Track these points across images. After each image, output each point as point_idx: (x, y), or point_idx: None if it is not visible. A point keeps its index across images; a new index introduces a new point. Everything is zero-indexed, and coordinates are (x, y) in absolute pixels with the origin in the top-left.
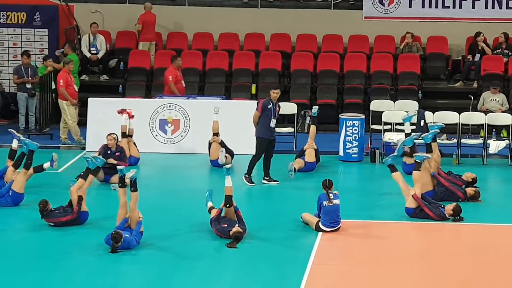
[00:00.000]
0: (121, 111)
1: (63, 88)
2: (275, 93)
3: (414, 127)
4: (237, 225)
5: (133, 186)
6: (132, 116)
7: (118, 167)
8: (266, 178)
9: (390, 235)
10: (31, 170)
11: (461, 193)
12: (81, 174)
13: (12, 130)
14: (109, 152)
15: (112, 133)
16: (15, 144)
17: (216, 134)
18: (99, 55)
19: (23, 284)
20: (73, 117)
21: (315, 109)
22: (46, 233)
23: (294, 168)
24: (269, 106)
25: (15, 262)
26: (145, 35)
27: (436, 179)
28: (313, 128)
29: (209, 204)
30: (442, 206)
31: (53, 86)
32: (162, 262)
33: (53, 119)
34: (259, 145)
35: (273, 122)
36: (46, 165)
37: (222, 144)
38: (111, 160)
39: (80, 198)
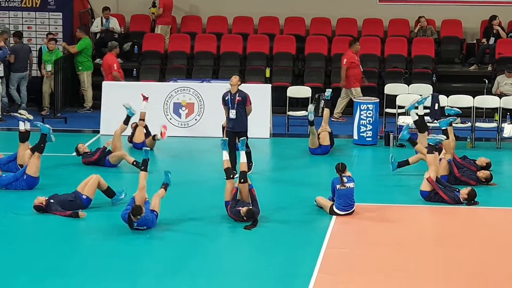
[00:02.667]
0: (145, 98)
1: (117, 72)
2: (230, 81)
3: (428, 110)
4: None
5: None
6: (147, 99)
7: (145, 148)
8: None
9: (404, 219)
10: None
11: (473, 180)
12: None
13: (15, 114)
14: None
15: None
16: (22, 126)
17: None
18: (117, 31)
19: (40, 266)
20: None
21: (328, 92)
22: (59, 217)
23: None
24: (226, 98)
25: (31, 245)
26: (164, 18)
27: (451, 167)
28: (326, 111)
29: (224, 153)
30: (457, 190)
31: (49, 68)
32: (177, 245)
33: (67, 104)
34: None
35: (231, 113)
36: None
37: None
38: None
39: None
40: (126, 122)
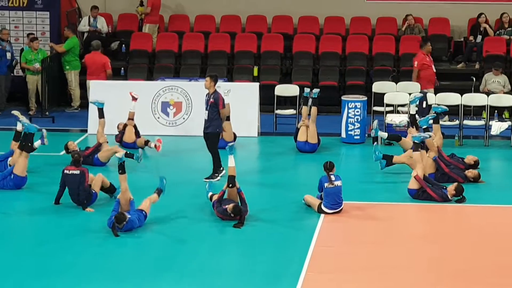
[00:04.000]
0: (134, 99)
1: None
2: (204, 82)
3: (416, 108)
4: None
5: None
6: (136, 99)
7: (116, 155)
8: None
9: (392, 217)
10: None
11: (461, 178)
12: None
13: (15, 112)
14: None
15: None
16: (19, 126)
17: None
18: (103, 32)
19: (28, 267)
20: None
21: (315, 90)
22: (48, 216)
23: None
24: (205, 98)
25: (19, 245)
26: (152, 17)
27: (437, 164)
28: (314, 109)
29: (210, 194)
30: (445, 187)
31: (37, 66)
32: (165, 244)
33: (54, 103)
34: None
35: (205, 114)
36: (37, 143)
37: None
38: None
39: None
40: (101, 115)
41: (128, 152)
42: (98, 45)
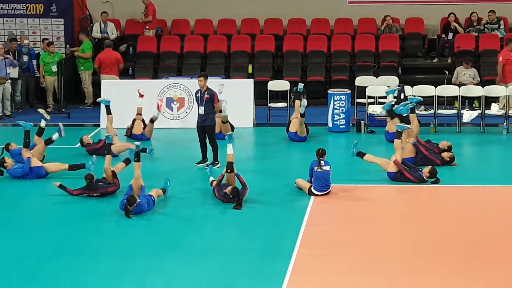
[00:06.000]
0: (141, 95)
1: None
2: (198, 81)
3: (395, 100)
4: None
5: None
6: (143, 96)
7: (135, 143)
8: (201, 161)
9: (375, 197)
10: (42, 143)
11: (438, 160)
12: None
13: (40, 110)
14: None
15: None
16: (43, 123)
17: (219, 111)
18: (111, 38)
19: (48, 247)
20: None
21: (300, 85)
22: (66, 201)
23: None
24: (197, 95)
25: (40, 228)
26: (153, 23)
27: (417, 147)
28: (297, 102)
29: (211, 179)
30: (420, 170)
31: (54, 69)
32: (171, 225)
33: (69, 100)
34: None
35: (201, 109)
36: (55, 136)
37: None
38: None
39: (114, 173)
40: (108, 112)
41: (142, 148)
42: (110, 43)
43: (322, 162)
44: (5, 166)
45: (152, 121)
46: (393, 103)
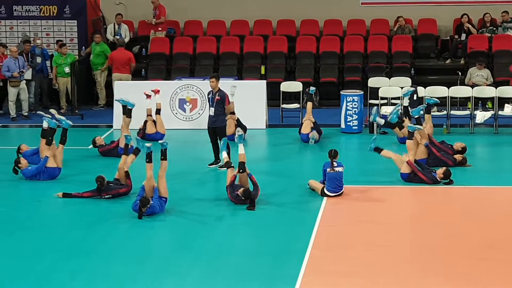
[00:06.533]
0: (148, 96)
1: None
2: (210, 82)
3: (408, 101)
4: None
5: (163, 155)
6: (158, 91)
7: (146, 144)
8: (213, 162)
9: (388, 198)
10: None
11: (451, 161)
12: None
13: (52, 111)
14: None
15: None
16: (45, 124)
17: (232, 113)
18: (125, 40)
19: (61, 248)
20: None
21: (312, 88)
22: (79, 203)
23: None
24: (208, 96)
25: (53, 229)
26: (164, 25)
27: (429, 149)
28: (309, 104)
29: (224, 154)
30: (434, 171)
31: (67, 71)
32: (183, 227)
33: (82, 102)
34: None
35: (211, 110)
36: (45, 124)
37: (238, 121)
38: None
39: (127, 174)
40: (129, 115)
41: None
42: (123, 42)
43: (335, 163)
44: (20, 166)
45: (158, 112)
46: (399, 114)
